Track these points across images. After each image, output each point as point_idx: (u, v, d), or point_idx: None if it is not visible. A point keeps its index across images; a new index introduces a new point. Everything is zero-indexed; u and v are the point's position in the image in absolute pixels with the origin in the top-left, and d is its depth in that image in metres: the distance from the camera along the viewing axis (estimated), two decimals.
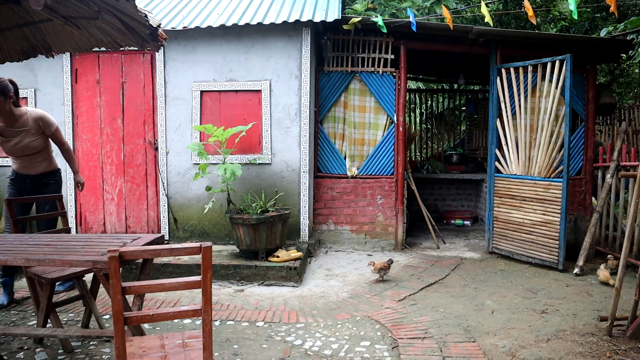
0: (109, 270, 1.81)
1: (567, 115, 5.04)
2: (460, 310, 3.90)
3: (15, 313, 3.85)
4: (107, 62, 5.53)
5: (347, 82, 5.96)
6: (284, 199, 5.44)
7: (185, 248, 1.93)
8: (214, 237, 5.56)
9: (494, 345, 3.22)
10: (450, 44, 6.03)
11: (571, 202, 5.86)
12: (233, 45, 5.48)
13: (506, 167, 5.61)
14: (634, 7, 8.71)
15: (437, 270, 5.04)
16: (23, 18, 3.31)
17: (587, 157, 6.12)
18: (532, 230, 5.28)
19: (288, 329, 3.51)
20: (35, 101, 5.59)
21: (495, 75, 5.71)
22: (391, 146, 5.98)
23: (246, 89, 5.48)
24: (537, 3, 9.65)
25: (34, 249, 2.66)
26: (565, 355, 3.06)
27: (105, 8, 2.85)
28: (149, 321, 1.94)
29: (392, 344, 3.25)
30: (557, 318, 3.71)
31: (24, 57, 3.69)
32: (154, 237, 2.91)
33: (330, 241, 5.97)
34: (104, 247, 2.69)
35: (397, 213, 5.94)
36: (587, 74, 6.09)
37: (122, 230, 5.66)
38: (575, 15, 4.34)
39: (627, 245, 3.43)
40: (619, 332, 3.35)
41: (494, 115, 5.76)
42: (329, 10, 5.51)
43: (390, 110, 5.96)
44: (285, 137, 5.50)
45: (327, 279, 4.79)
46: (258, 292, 4.38)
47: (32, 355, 3.08)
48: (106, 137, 5.60)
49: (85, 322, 3.36)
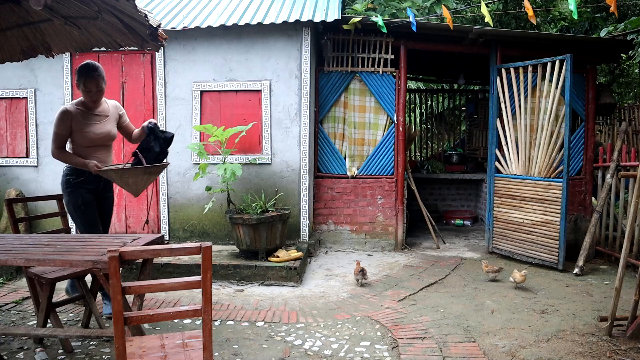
0: (109, 270, 1.81)
1: (567, 115, 5.04)
2: (460, 310, 3.90)
3: (15, 313, 3.85)
4: (107, 62, 5.53)
5: (347, 82, 5.96)
6: (284, 199, 5.44)
7: (185, 248, 1.93)
8: (214, 237, 5.56)
9: (494, 345, 3.22)
10: (450, 44, 6.03)
11: (571, 202, 5.86)
12: (233, 45, 5.48)
13: (506, 167, 5.61)
14: (634, 7, 8.70)
15: (437, 270, 5.04)
16: (23, 18, 3.31)
17: (587, 157, 6.12)
18: (532, 230, 5.28)
19: (288, 329, 3.51)
20: (35, 101, 5.59)
21: (495, 75, 5.71)
22: (391, 146, 5.98)
23: (246, 89, 5.48)
24: (537, 3, 9.65)
25: (34, 249, 2.66)
26: (565, 355, 3.06)
27: (105, 8, 2.85)
28: (149, 321, 1.94)
29: (392, 344, 3.25)
30: (557, 318, 3.71)
31: (24, 57, 3.68)
32: (154, 237, 2.91)
33: (330, 241, 5.96)
34: (104, 247, 2.69)
35: (397, 213, 5.94)
36: (587, 74, 6.09)
37: (122, 230, 5.66)
38: (575, 15, 4.34)
39: (627, 245, 3.42)
40: (619, 332, 3.35)
41: (494, 115, 5.76)
42: (329, 10, 5.51)
43: (390, 110, 5.96)
44: (285, 137, 5.50)
45: (327, 279, 4.79)
46: (258, 292, 4.38)
47: (32, 355, 3.08)
48: None
49: (85, 322, 3.36)
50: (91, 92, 3.50)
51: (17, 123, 5.66)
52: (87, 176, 3.58)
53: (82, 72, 3.46)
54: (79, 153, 3.58)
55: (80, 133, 3.55)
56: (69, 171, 3.62)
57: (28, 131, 5.64)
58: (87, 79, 3.46)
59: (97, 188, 3.69)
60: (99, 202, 3.75)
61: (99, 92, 3.54)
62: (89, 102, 3.56)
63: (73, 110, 3.55)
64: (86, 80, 3.46)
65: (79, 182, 3.59)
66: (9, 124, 5.67)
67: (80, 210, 3.58)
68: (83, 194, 3.59)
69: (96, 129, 3.60)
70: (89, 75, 3.45)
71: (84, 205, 3.58)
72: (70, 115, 3.52)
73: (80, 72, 3.47)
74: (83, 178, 3.59)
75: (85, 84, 3.47)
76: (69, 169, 3.62)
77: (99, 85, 3.51)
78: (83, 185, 3.60)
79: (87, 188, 3.62)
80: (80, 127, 3.54)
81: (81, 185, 3.59)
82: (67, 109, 3.54)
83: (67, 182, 3.59)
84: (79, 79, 3.48)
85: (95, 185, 3.66)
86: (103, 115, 3.66)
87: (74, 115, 3.54)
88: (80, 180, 3.59)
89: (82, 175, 3.58)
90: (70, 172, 3.61)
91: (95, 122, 3.61)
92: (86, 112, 3.59)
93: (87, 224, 3.60)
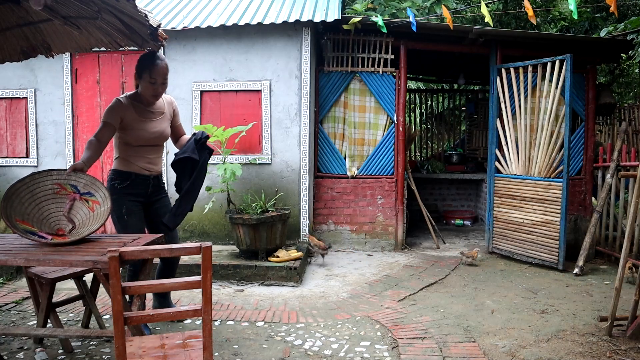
0: (109, 270, 1.81)
1: (567, 115, 5.04)
2: (460, 310, 3.90)
3: (15, 313, 3.85)
4: (107, 62, 5.53)
5: (347, 82, 5.96)
6: (284, 199, 5.44)
7: (185, 248, 1.93)
8: (214, 237, 5.56)
9: (494, 345, 3.22)
10: (450, 44, 6.03)
11: (571, 202, 5.86)
12: (233, 45, 5.48)
13: (506, 167, 5.61)
14: (634, 7, 8.70)
15: (437, 270, 5.04)
16: (23, 18, 3.31)
17: (587, 157, 6.12)
18: (532, 230, 5.28)
19: (288, 329, 3.51)
20: (35, 101, 5.59)
21: (495, 75, 5.71)
22: (391, 146, 5.98)
23: (246, 89, 5.48)
24: (537, 3, 9.65)
25: (34, 249, 2.66)
26: (565, 355, 3.06)
27: (105, 8, 2.85)
28: (149, 321, 1.94)
29: (392, 344, 3.25)
30: (557, 318, 3.71)
31: (24, 57, 3.68)
32: (154, 237, 2.91)
33: (330, 241, 5.96)
34: (104, 247, 2.68)
35: (397, 213, 5.93)
36: (587, 74, 6.09)
37: None
38: (575, 15, 4.34)
39: (627, 245, 3.42)
40: (619, 332, 3.35)
41: (494, 115, 5.76)
42: (329, 10, 5.51)
43: (390, 110, 5.96)
44: (285, 137, 5.50)
45: (327, 279, 4.79)
46: (258, 292, 4.38)
47: (32, 355, 3.08)
48: None
49: (85, 322, 3.35)
50: (156, 83, 3.16)
51: (17, 123, 5.66)
52: (132, 179, 3.25)
53: (147, 60, 3.15)
54: (127, 152, 3.24)
55: (131, 130, 3.18)
56: (113, 175, 3.26)
57: (28, 131, 5.64)
58: (153, 68, 3.13)
59: (145, 192, 3.33)
60: (151, 207, 3.39)
61: (163, 84, 3.20)
62: (150, 96, 3.20)
63: (127, 103, 3.19)
64: (152, 69, 3.12)
65: (124, 187, 3.23)
66: (8, 124, 5.67)
67: (123, 220, 3.24)
68: (127, 202, 3.23)
69: (150, 127, 3.24)
70: (155, 64, 3.13)
71: (128, 214, 3.24)
72: (123, 107, 3.16)
73: (145, 61, 3.16)
74: (129, 182, 3.24)
75: (152, 74, 3.13)
76: (114, 173, 3.27)
77: (165, 76, 3.19)
78: (129, 192, 3.24)
79: (134, 194, 3.27)
80: (132, 123, 3.17)
81: (127, 192, 3.24)
82: (120, 100, 3.18)
83: (112, 187, 3.22)
84: (143, 69, 3.15)
85: (142, 189, 3.31)
86: (159, 113, 3.31)
87: (127, 108, 3.17)
88: (125, 185, 3.23)
89: (127, 179, 3.24)
90: (115, 177, 3.25)
91: (150, 119, 3.26)
92: (141, 107, 3.23)
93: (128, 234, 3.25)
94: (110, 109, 3.15)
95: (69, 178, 2.87)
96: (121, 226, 3.27)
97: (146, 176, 3.31)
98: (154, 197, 3.40)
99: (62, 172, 2.87)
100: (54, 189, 2.87)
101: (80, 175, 2.89)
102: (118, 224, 3.27)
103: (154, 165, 3.34)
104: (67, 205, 2.85)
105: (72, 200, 2.87)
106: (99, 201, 2.85)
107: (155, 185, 3.39)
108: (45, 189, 2.86)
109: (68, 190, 2.88)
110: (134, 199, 3.27)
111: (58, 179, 2.87)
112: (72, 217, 2.84)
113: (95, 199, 2.86)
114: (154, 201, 3.41)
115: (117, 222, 3.27)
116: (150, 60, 3.16)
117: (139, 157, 3.26)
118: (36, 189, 2.84)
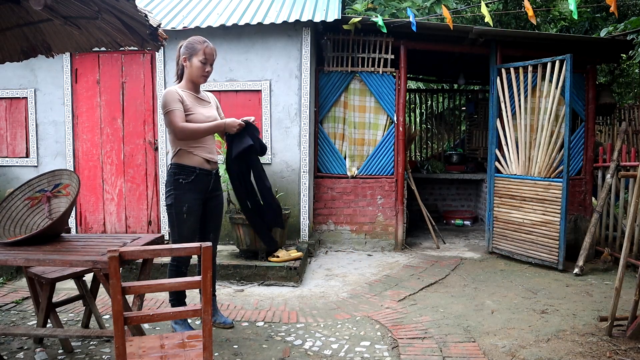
0: (109, 270, 1.81)
1: (567, 115, 5.04)
2: (460, 310, 3.90)
3: (15, 313, 3.85)
4: (107, 62, 5.53)
5: (347, 82, 5.96)
6: (284, 199, 5.44)
7: (185, 248, 1.93)
8: None
9: (494, 345, 3.22)
10: (450, 44, 6.04)
11: (571, 202, 5.86)
12: (233, 45, 5.48)
13: (506, 167, 5.61)
14: (634, 7, 8.70)
15: (437, 270, 5.04)
16: (23, 18, 3.31)
17: (587, 157, 6.12)
18: (532, 230, 5.28)
19: (288, 329, 3.51)
20: (35, 101, 5.59)
21: (495, 76, 5.71)
22: (391, 146, 5.98)
23: (246, 89, 5.48)
24: (537, 3, 9.65)
25: (34, 249, 2.66)
26: (565, 355, 3.06)
27: (105, 8, 2.85)
28: (149, 321, 1.94)
29: (392, 344, 3.25)
30: (557, 318, 3.71)
31: (24, 57, 3.68)
32: (154, 237, 2.91)
33: (330, 241, 5.97)
34: (104, 247, 2.69)
35: (397, 213, 5.94)
36: (587, 74, 6.09)
37: (122, 230, 5.66)
38: (575, 15, 4.35)
39: (627, 245, 3.42)
40: (619, 332, 3.35)
41: (494, 115, 5.76)
42: (329, 10, 5.51)
43: (390, 110, 5.96)
44: (285, 137, 5.50)
45: (327, 279, 4.79)
46: (258, 292, 4.38)
47: (32, 355, 3.08)
48: (106, 137, 5.60)
49: (85, 322, 3.36)
50: (207, 63, 3.16)
51: (17, 123, 5.66)
52: (197, 173, 3.13)
53: (197, 42, 3.17)
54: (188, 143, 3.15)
55: (190, 115, 3.12)
56: (177, 169, 3.13)
57: (28, 131, 5.64)
58: (205, 48, 3.14)
59: (207, 187, 3.23)
60: (208, 204, 3.30)
61: (212, 66, 3.23)
62: (200, 76, 3.18)
63: (179, 90, 3.18)
64: (206, 48, 3.15)
65: (189, 182, 3.10)
66: (8, 124, 5.67)
67: (182, 218, 3.12)
68: (191, 200, 3.12)
69: (205, 111, 3.22)
70: (207, 45, 3.16)
71: (188, 213, 3.12)
72: (178, 93, 3.14)
73: (195, 43, 3.17)
74: (194, 176, 3.12)
75: (206, 52, 3.14)
76: (177, 167, 3.13)
77: (214, 57, 3.21)
78: (193, 188, 3.13)
79: (197, 189, 3.15)
80: (190, 107, 3.14)
81: (191, 188, 3.12)
82: (172, 89, 3.16)
83: (176, 182, 3.10)
84: (194, 49, 3.15)
85: (205, 183, 3.20)
86: (206, 101, 3.32)
87: (181, 94, 3.16)
88: (190, 180, 3.10)
89: (192, 173, 3.12)
90: (180, 171, 3.11)
91: (202, 105, 3.25)
92: (192, 94, 3.23)
93: (183, 235, 3.16)
94: (170, 98, 3.10)
95: (32, 187, 2.98)
96: (177, 225, 3.15)
97: (208, 171, 3.23)
98: (214, 191, 3.33)
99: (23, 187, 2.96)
100: (26, 205, 2.94)
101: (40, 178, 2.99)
102: (175, 222, 3.15)
103: (211, 153, 3.26)
104: (45, 208, 2.91)
105: (47, 201, 2.93)
106: (68, 183, 2.91)
107: (216, 182, 3.35)
108: (19, 209, 2.95)
109: (38, 196, 2.95)
110: (196, 196, 3.16)
111: (23, 195, 2.96)
112: (54, 215, 2.91)
113: (63, 183, 2.93)
114: (213, 197, 3.33)
115: (175, 219, 3.14)
116: (201, 41, 3.19)
117: (200, 147, 3.17)
118: (12, 212, 2.93)
